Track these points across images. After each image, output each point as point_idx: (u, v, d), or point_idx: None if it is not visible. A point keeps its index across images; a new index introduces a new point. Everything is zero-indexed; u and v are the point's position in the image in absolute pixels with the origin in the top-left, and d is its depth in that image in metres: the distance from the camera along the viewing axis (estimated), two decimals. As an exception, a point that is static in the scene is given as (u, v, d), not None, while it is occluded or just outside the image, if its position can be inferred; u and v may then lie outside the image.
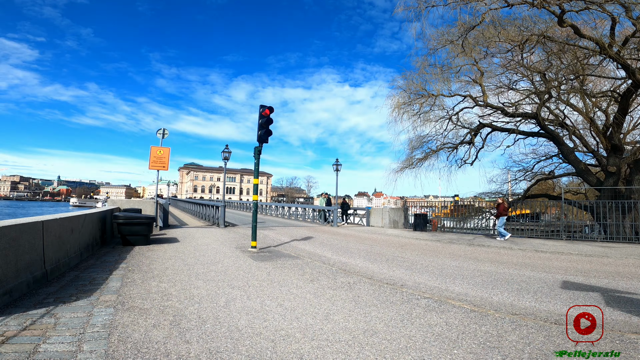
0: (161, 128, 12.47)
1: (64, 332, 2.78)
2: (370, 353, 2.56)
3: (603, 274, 5.85)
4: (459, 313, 3.55)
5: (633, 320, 3.40)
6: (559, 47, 12.01)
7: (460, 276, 5.48)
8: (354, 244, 9.67)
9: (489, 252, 8.53)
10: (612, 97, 14.11)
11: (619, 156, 12.88)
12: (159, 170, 12.08)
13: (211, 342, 2.69)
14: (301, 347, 2.63)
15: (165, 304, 3.62)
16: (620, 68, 11.79)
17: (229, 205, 40.11)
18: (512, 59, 14.22)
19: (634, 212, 11.41)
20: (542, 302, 4.07)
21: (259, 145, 7.87)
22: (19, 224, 3.80)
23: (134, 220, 7.75)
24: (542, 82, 14.08)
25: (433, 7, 11.69)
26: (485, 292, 4.45)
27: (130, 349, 2.51)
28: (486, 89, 15.03)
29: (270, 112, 7.79)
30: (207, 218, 17.30)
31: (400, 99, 16.07)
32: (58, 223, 4.96)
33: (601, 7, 10.05)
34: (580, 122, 16.24)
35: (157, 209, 11.97)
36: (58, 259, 4.85)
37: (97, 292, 4.01)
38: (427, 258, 7.39)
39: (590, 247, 9.57)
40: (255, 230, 8.01)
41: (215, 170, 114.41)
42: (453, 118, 16.22)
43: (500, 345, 2.73)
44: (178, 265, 5.71)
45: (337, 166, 18.74)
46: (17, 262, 3.68)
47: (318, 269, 5.80)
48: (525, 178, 18.36)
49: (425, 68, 14.75)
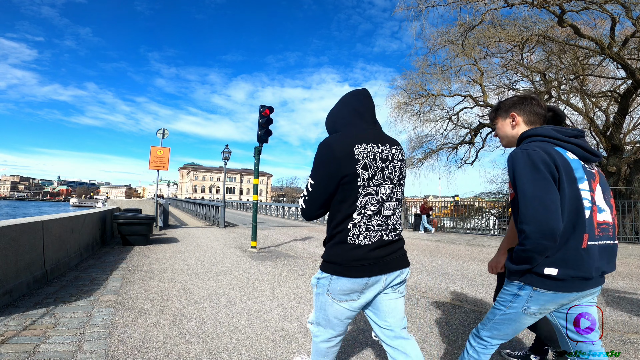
0: (161, 128, 12.48)
1: (64, 332, 2.78)
2: (370, 353, 2.56)
3: (603, 274, 5.85)
4: (459, 313, 3.55)
5: (633, 320, 3.40)
6: (559, 47, 12.01)
7: (460, 276, 5.48)
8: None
9: (489, 252, 8.53)
10: (612, 97, 14.11)
11: (619, 156, 12.88)
12: (159, 170, 12.08)
13: (211, 342, 2.69)
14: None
15: (165, 304, 3.62)
16: (620, 68, 11.78)
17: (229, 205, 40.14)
18: (512, 59, 14.23)
19: (634, 212, 11.41)
20: (542, 302, 4.07)
21: (259, 145, 7.87)
22: (19, 224, 3.80)
23: (134, 220, 7.75)
24: (542, 82, 14.08)
25: (433, 7, 11.70)
26: (485, 292, 4.45)
27: (130, 349, 2.51)
28: (486, 89, 15.04)
29: (270, 112, 7.79)
30: (207, 218, 17.31)
31: (400, 98, 16.10)
32: (58, 223, 4.96)
33: (601, 7, 10.05)
34: (580, 122, 16.24)
35: (157, 209, 11.97)
36: (58, 258, 4.85)
37: (97, 292, 4.01)
38: (426, 258, 7.40)
39: (590, 247, 9.57)
40: (255, 230, 8.01)
41: (215, 170, 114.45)
42: (453, 118, 16.24)
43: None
44: (178, 265, 5.71)
45: (337, 166, 18.78)
46: (17, 262, 3.68)
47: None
48: (526, 178, 18.36)
49: (425, 68, 14.77)
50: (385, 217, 1.50)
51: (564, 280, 1.34)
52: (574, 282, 1.34)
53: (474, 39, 12.48)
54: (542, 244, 1.28)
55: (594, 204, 1.36)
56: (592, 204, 1.36)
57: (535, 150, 1.34)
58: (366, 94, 1.60)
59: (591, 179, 1.39)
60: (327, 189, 1.45)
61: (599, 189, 1.41)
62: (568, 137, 1.41)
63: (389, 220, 1.51)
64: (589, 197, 1.35)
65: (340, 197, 1.46)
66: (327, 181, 1.44)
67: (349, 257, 1.46)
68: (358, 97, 1.58)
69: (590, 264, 1.33)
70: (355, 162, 1.41)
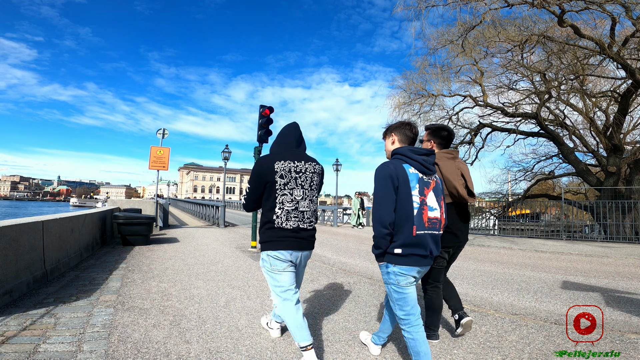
0: (161, 128, 12.47)
1: (64, 332, 2.78)
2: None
3: (603, 274, 5.85)
4: (459, 313, 3.55)
5: (633, 320, 3.40)
6: (559, 47, 12.00)
7: (460, 276, 5.48)
8: (354, 244, 9.68)
9: (489, 252, 8.53)
10: (612, 97, 14.10)
11: (619, 156, 12.87)
12: (159, 170, 12.07)
13: (211, 342, 2.69)
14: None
15: (165, 304, 3.62)
16: (620, 68, 11.77)
17: (229, 205, 40.11)
18: (512, 59, 14.22)
19: (634, 212, 11.40)
20: (542, 302, 4.07)
21: (259, 145, 7.87)
22: (19, 224, 3.80)
23: (134, 220, 7.75)
24: (542, 82, 14.07)
25: (433, 7, 11.66)
26: (485, 292, 4.45)
27: (130, 349, 2.51)
28: (486, 89, 15.02)
29: (271, 112, 7.78)
30: (207, 218, 17.30)
31: (400, 99, 16.06)
32: (58, 223, 4.96)
33: (601, 7, 10.03)
34: (580, 122, 16.24)
35: (157, 209, 11.97)
36: (58, 258, 4.85)
37: (97, 292, 4.01)
38: (427, 258, 7.39)
39: (590, 247, 9.57)
40: (256, 230, 8.01)
41: (215, 170, 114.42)
42: (453, 118, 16.21)
43: (500, 345, 2.73)
44: (178, 265, 5.71)
45: (337, 166, 18.76)
46: (17, 262, 3.68)
47: (318, 269, 5.80)
48: (525, 178, 18.37)
49: (425, 68, 14.73)
50: (301, 212, 2.24)
51: (407, 257, 1.94)
52: (415, 258, 1.95)
53: (474, 39, 12.46)
54: (379, 230, 1.93)
55: (424, 204, 1.94)
56: (423, 204, 1.94)
57: (388, 166, 1.97)
58: (294, 126, 2.45)
59: (425, 187, 1.98)
60: (257, 191, 2.27)
61: (431, 194, 2.00)
62: (416, 155, 2.00)
63: (304, 215, 2.26)
64: (419, 200, 1.93)
65: (266, 197, 2.25)
66: (256, 185, 2.26)
67: (276, 236, 2.21)
68: (288, 129, 2.44)
69: (424, 246, 1.94)
70: (275, 173, 2.21)
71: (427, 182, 2.00)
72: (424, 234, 1.93)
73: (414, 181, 1.94)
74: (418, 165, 1.99)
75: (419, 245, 1.92)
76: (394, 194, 1.92)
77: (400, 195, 1.92)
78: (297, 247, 2.23)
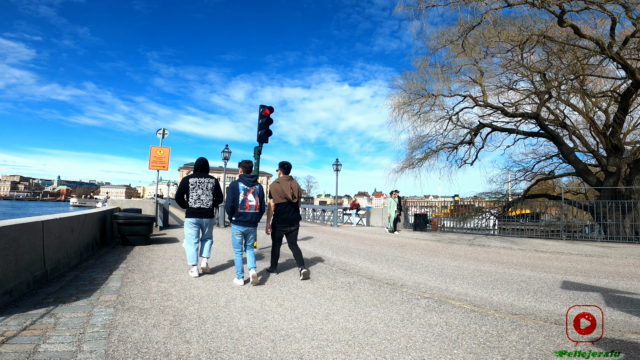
0: (161, 128, 12.47)
1: (64, 332, 2.78)
2: (370, 353, 2.56)
3: (603, 274, 5.85)
4: (459, 313, 3.56)
5: (633, 320, 3.40)
6: (559, 47, 12.00)
7: (460, 276, 5.48)
8: (354, 243, 9.68)
9: (489, 252, 8.53)
10: (612, 97, 14.09)
11: (619, 156, 12.87)
12: (159, 170, 12.07)
13: (211, 342, 2.69)
14: (301, 347, 2.63)
15: (165, 304, 3.62)
16: (620, 68, 11.77)
17: (229, 205, 39.98)
18: (512, 59, 14.21)
19: (634, 212, 11.41)
20: (542, 302, 4.07)
21: (259, 145, 7.86)
22: (19, 224, 3.80)
23: (134, 220, 7.75)
24: (542, 82, 14.06)
25: (433, 7, 11.65)
26: (485, 292, 4.45)
27: (130, 349, 2.51)
28: (486, 89, 15.02)
29: (270, 112, 7.78)
30: (207, 218, 17.25)
31: (400, 98, 16.05)
32: (58, 223, 4.96)
33: (601, 7, 10.03)
34: (580, 122, 16.23)
35: (157, 209, 11.97)
36: (58, 258, 4.85)
37: (97, 292, 4.01)
38: (427, 258, 7.40)
39: (590, 247, 9.57)
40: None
41: (215, 170, 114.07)
42: (453, 118, 16.20)
43: (500, 345, 2.73)
44: (178, 265, 5.71)
45: (337, 166, 18.76)
46: (17, 262, 3.68)
47: (318, 269, 5.80)
48: (525, 178, 18.35)
49: (425, 68, 14.72)
50: (201, 201, 5.05)
51: (237, 221, 4.62)
52: (241, 222, 4.62)
53: (474, 39, 12.45)
54: (227, 210, 4.68)
55: (247, 199, 4.62)
56: (245, 199, 4.61)
57: (236, 181, 4.71)
58: (203, 162, 5.33)
59: (247, 191, 4.64)
60: (182, 193, 5.11)
61: (251, 194, 4.65)
62: (247, 179, 4.72)
63: (203, 203, 5.05)
64: (243, 197, 4.61)
65: (186, 195, 5.08)
66: (181, 190, 5.11)
67: (190, 210, 5.02)
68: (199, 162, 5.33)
69: (245, 218, 4.62)
70: (190, 183, 5.06)
71: (248, 190, 4.66)
72: (246, 212, 4.62)
73: (242, 189, 4.63)
74: (247, 181, 4.70)
75: (243, 216, 4.61)
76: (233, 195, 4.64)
77: (236, 196, 4.61)
78: (201, 215, 5.05)
